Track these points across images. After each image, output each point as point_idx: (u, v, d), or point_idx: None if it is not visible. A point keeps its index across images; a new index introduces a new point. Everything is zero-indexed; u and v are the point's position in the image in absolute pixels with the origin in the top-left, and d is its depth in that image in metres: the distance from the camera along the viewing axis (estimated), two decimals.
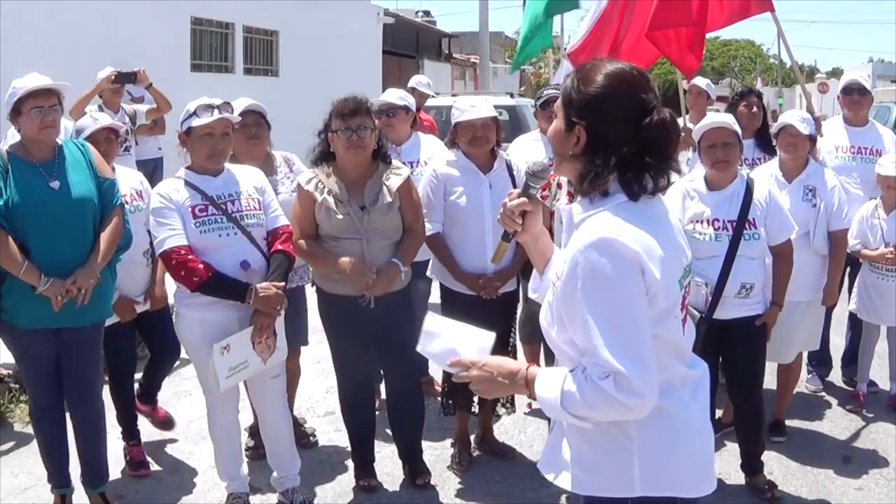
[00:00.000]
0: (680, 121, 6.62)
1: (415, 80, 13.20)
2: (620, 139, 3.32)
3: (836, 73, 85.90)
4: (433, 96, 13.74)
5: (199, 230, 5.94)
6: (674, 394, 3.39)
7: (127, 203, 6.72)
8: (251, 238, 6.08)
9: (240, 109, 6.75)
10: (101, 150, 6.84)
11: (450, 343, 3.71)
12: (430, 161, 7.63)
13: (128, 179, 7.11)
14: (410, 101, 8.60)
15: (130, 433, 7.50)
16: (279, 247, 6.16)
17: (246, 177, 6.33)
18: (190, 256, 5.86)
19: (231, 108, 6.18)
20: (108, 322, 6.83)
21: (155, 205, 6.07)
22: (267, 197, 6.30)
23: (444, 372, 7.08)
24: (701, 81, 10.80)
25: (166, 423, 7.82)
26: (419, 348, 3.80)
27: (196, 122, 6.02)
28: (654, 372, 3.19)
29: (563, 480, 3.54)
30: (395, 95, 8.56)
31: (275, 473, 6.62)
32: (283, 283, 6.11)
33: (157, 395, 7.78)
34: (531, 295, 4.03)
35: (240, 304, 5.96)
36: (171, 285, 6.54)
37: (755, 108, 8.73)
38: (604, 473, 3.42)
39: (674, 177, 3.61)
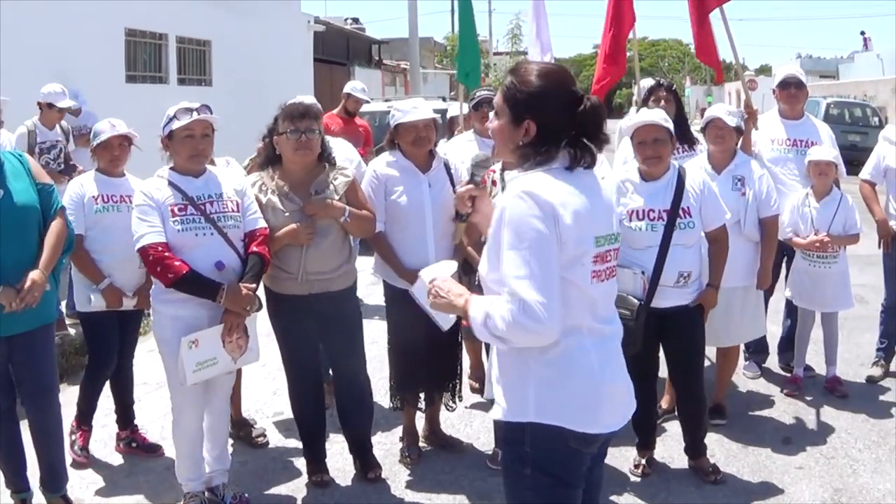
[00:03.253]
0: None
1: (350, 86, 13.31)
2: (563, 126, 3.87)
3: (764, 69, 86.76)
4: (368, 102, 13.85)
5: (178, 228, 6.06)
6: (576, 337, 3.85)
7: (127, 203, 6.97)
8: (227, 239, 6.19)
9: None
10: (114, 156, 7.22)
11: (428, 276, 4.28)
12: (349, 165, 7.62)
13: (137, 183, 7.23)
14: None
15: (127, 420, 7.73)
16: (255, 249, 6.27)
17: (227, 179, 6.46)
18: (167, 253, 5.97)
19: (210, 110, 6.28)
20: (95, 309, 7.13)
21: (137, 202, 6.20)
22: (246, 200, 6.41)
23: (392, 369, 7.26)
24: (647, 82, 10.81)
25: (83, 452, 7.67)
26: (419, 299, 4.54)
27: (176, 125, 6.15)
28: (556, 304, 3.67)
29: (495, 411, 4.07)
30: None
31: (207, 469, 6.70)
32: (254, 285, 6.23)
33: (90, 421, 7.75)
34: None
35: (211, 303, 6.07)
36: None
37: (663, 102, 8.77)
38: (507, 399, 3.98)
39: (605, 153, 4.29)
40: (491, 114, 4.18)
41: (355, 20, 53.09)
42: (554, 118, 3.90)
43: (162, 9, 21.37)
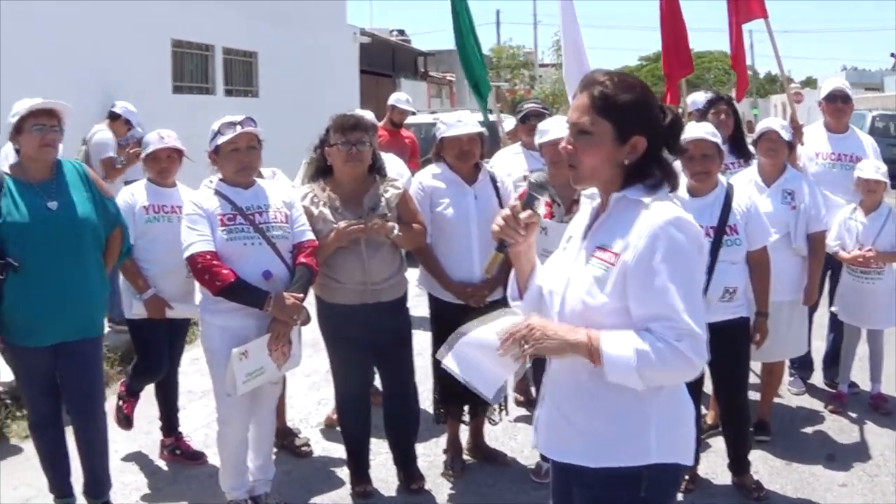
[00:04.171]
0: None
1: (394, 98, 13.31)
2: (661, 140, 3.64)
3: (809, 82, 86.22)
4: (413, 113, 13.86)
5: (226, 238, 6.12)
6: None
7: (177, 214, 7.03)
8: (276, 249, 6.23)
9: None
10: (162, 167, 7.30)
11: (482, 338, 3.75)
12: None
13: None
14: None
15: (171, 427, 7.81)
16: (303, 259, 6.30)
17: (275, 191, 6.51)
18: (215, 262, 6.03)
19: (254, 123, 6.32)
20: (136, 317, 7.21)
21: (187, 211, 6.27)
22: (294, 211, 6.44)
23: (436, 381, 7.24)
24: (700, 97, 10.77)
25: (127, 420, 7.75)
26: (456, 374, 3.87)
27: (221, 140, 6.20)
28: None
29: (572, 457, 3.71)
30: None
31: (251, 478, 6.75)
32: (302, 295, 6.25)
33: (139, 393, 7.81)
34: (512, 303, 4.13)
35: (259, 312, 6.11)
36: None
37: (723, 115, 8.80)
38: (620, 444, 3.60)
39: None
40: (553, 122, 3.92)
41: (401, 32, 53.08)
42: (657, 131, 3.63)
43: (208, 20, 21.48)
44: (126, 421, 7.69)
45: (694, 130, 6.82)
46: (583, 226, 3.82)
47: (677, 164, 7.82)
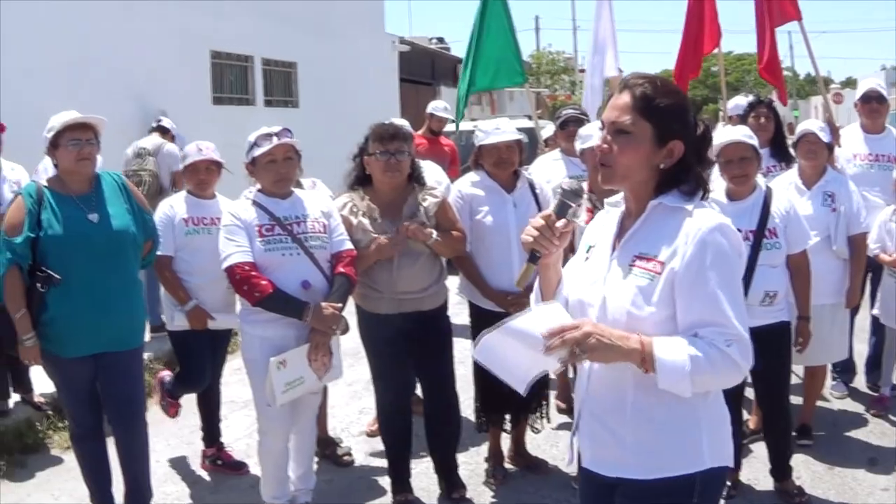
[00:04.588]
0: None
1: (432, 106, 13.33)
2: (695, 149, 3.60)
3: (849, 82, 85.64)
4: (452, 121, 13.87)
5: (264, 248, 6.15)
6: None
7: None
8: (314, 259, 6.26)
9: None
10: (200, 179, 7.33)
11: (525, 332, 3.45)
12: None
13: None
14: None
15: (213, 437, 7.86)
16: (341, 269, 6.32)
17: (313, 201, 6.53)
18: (253, 272, 6.07)
19: (290, 134, 6.35)
20: (178, 328, 7.27)
21: (225, 222, 6.33)
22: (333, 221, 6.46)
23: (478, 389, 7.23)
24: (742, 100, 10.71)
25: (174, 411, 7.84)
26: (486, 363, 3.68)
27: (258, 152, 6.25)
28: None
29: (622, 472, 3.64)
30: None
31: (292, 488, 6.77)
32: (340, 304, 6.27)
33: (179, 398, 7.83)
34: None
35: (298, 323, 6.14)
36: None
37: (763, 119, 8.81)
38: (674, 453, 3.55)
39: None
40: (594, 128, 3.82)
41: (440, 40, 53.05)
42: (693, 136, 3.59)
43: (247, 32, 21.55)
44: (173, 411, 7.78)
45: (731, 133, 6.81)
46: (608, 234, 3.76)
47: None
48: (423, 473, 7.35)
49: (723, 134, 6.99)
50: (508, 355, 3.57)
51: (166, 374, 7.79)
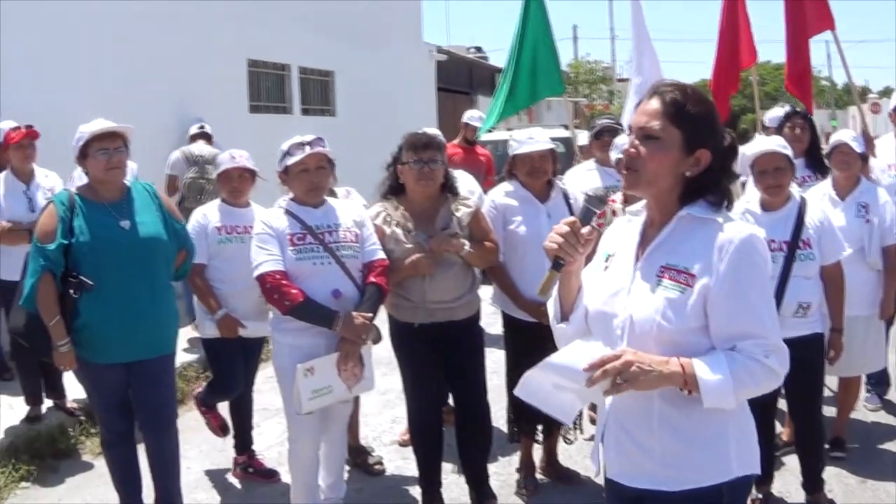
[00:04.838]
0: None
1: (467, 115, 13.38)
2: (721, 160, 3.59)
3: (887, 92, 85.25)
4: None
5: (296, 257, 6.17)
6: None
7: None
8: (345, 268, 6.26)
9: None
10: (233, 187, 7.36)
11: (566, 367, 3.46)
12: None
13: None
14: None
15: (245, 445, 7.89)
16: (373, 279, 6.32)
17: (346, 210, 6.54)
18: (284, 281, 6.09)
19: (323, 143, 6.37)
20: (212, 336, 7.31)
21: (257, 230, 6.35)
22: (365, 231, 6.47)
23: (510, 400, 7.22)
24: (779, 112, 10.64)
25: (222, 428, 7.89)
26: (529, 400, 3.61)
27: (291, 161, 6.27)
28: None
29: (651, 484, 3.60)
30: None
31: (322, 497, 6.79)
32: (371, 314, 6.26)
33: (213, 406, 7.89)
34: (555, 325, 3.94)
35: (328, 332, 6.15)
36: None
37: (798, 130, 8.78)
38: (703, 464, 3.53)
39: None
40: (624, 137, 3.81)
41: (478, 49, 53.01)
42: (721, 147, 3.58)
43: (284, 40, 21.57)
44: (222, 429, 7.84)
45: (764, 143, 6.79)
46: (629, 243, 3.72)
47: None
48: (454, 483, 7.34)
49: (757, 144, 6.97)
50: (551, 391, 3.55)
51: (199, 389, 7.84)
